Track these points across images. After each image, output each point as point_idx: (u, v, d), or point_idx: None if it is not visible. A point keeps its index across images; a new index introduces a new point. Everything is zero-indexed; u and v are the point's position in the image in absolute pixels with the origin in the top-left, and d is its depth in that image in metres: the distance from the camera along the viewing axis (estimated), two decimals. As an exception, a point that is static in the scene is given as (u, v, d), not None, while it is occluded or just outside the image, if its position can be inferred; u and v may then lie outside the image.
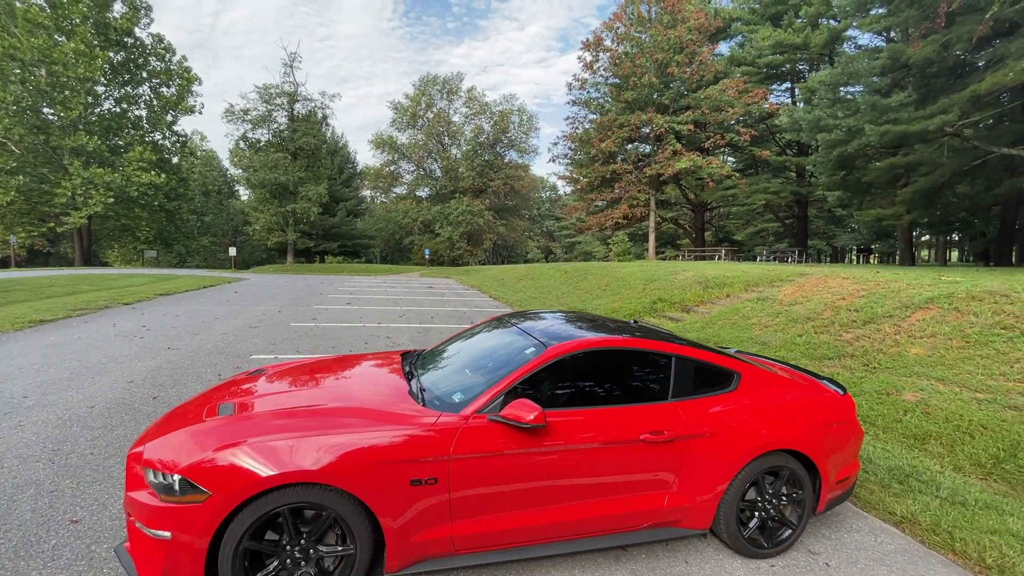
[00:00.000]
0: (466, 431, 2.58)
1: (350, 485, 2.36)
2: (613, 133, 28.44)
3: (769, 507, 3.14)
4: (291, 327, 10.22)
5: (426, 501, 2.49)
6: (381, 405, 2.78)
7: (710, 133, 28.21)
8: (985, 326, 6.54)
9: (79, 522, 3.10)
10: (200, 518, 2.22)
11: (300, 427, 2.47)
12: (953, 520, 3.60)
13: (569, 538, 2.80)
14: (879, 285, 8.97)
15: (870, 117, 16.74)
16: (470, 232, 50.09)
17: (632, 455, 2.84)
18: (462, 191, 50.66)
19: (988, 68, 17.08)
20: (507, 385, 2.75)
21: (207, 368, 6.76)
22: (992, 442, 4.76)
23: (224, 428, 2.50)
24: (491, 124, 52.69)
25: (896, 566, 3.13)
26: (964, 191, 23.68)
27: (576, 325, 3.50)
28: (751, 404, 3.15)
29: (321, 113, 43.70)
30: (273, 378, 3.33)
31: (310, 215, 40.37)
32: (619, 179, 29.77)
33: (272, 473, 2.26)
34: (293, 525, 2.35)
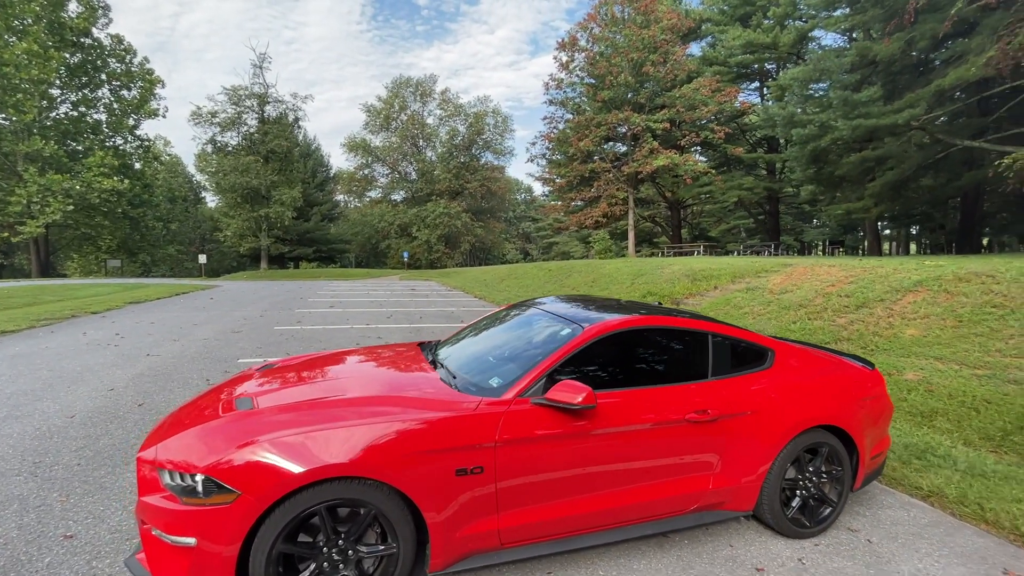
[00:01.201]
0: (510, 416, 2.42)
1: (392, 478, 2.17)
2: (591, 132, 28.59)
3: (810, 485, 3.07)
4: (275, 331, 9.83)
5: (472, 492, 2.32)
6: (415, 392, 2.60)
7: (685, 131, 28.65)
8: (976, 305, 6.71)
9: (73, 537, 2.81)
10: (229, 521, 2.00)
11: (332, 418, 2.27)
12: (978, 492, 3.60)
13: (616, 526, 2.67)
14: (866, 271, 9.16)
15: (842, 112, 17.26)
16: (448, 235, 49.69)
17: (678, 436, 2.72)
18: (439, 193, 50.23)
19: (950, 64, 17.79)
20: (547, 367, 2.60)
21: (193, 373, 6.38)
22: (998, 415, 4.84)
23: (248, 423, 2.27)
24: (466, 126, 52.47)
25: (934, 539, 3.10)
26: (928, 184, 24.60)
27: (601, 307, 3.38)
28: (788, 381, 3.08)
29: (293, 115, 42.71)
30: (286, 372, 3.09)
31: (284, 219, 39.32)
32: (598, 178, 29.95)
33: (307, 468, 2.06)
34: (331, 525, 2.15)
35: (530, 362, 2.67)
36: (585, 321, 2.92)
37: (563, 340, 2.76)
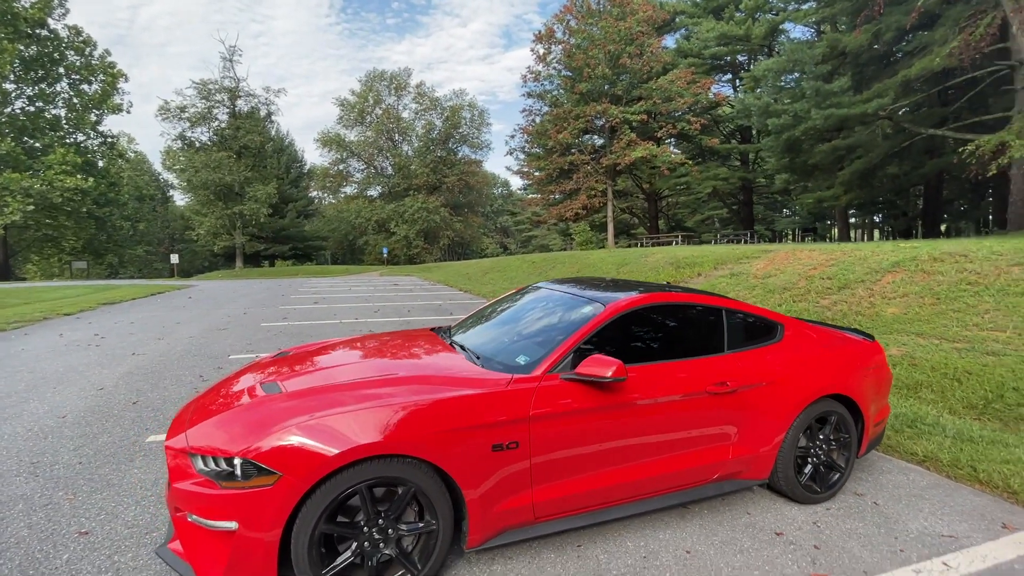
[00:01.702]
0: (542, 391, 2.44)
1: (431, 455, 2.17)
2: (569, 124, 28.69)
3: (820, 453, 3.19)
4: (262, 327, 9.63)
5: (508, 467, 2.34)
6: (445, 372, 2.60)
7: (662, 123, 29.02)
8: (952, 283, 7.03)
9: (89, 534, 2.73)
10: (271, 503, 1.97)
11: (368, 398, 2.26)
12: (969, 455, 3.79)
13: (644, 497, 2.73)
14: (845, 255, 9.47)
15: (814, 102, 17.75)
16: (427, 230, 49.26)
17: (700, 408, 2.80)
18: (416, 188, 49.69)
19: (915, 55, 18.43)
20: (573, 344, 2.63)
21: (184, 370, 6.22)
22: (979, 385, 5.09)
23: (283, 405, 2.24)
24: (442, 120, 51.96)
25: (935, 499, 3.26)
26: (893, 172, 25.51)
27: (615, 286, 3.42)
28: (799, 354, 3.19)
29: (265, 110, 41.57)
30: (305, 358, 3.05)
31: (259, 216, 38.30)
32: (577, 170, 30.10)
33: (348, 447, 2.04)
34: (371, 504, 2.14)
35: (556, 339, 2.70)
36: (605, 299, 2.96)
37: (587, 317, 2.79)
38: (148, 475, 3.42)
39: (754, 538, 2.78)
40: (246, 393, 2.49)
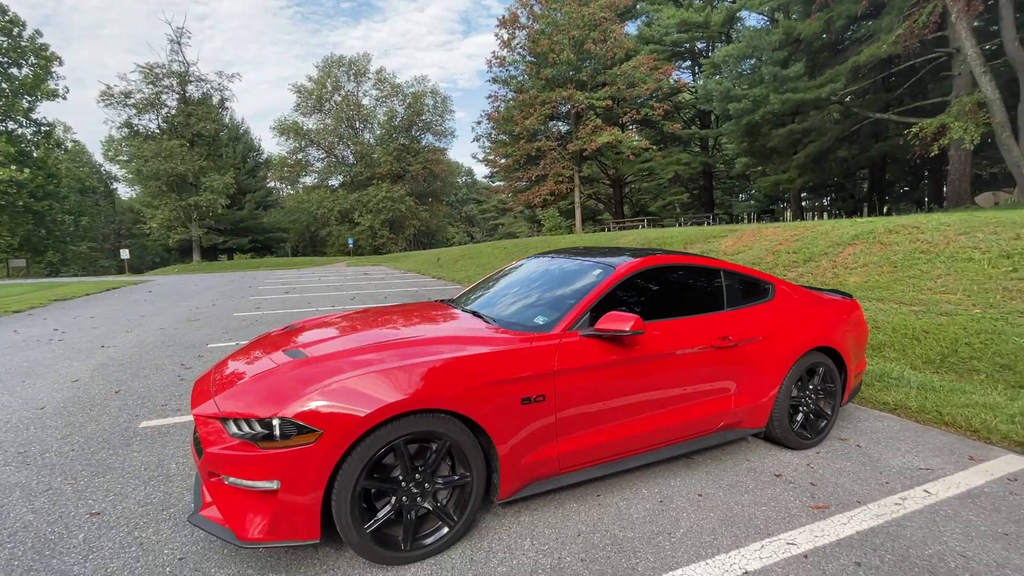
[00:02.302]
0: (565, 346, 2.54)
1: (467, 409, 2.23)
2: (535, 110, 28.71)
3: (810, 401, 3.43)
4: (236, 317, 9.34)
5: (535, 420, 2.43)
6: (469, 332, 2.65)
7: (627, 108, 29.43)
8: (906, 252, 7.54)
9: (101, 514, 2.66)
10: (314, 460, 1.99)
11: (400, 356, 2.29)
12: (933, 402, 4.15)
13: (657, 447, 2.87)
14: (808, 230, 9.98)
15: (772, 87, 18.44)
16: (392, 219, 48.49)
17: (706, 361, 2.96)
18: (379, 177, 48.71)
19: (863, 42, 19.34)
20: (589, 303, 2.73)
21: (164, 360, 6.00)
22: (936, 343, 5.53)
23: (316, 367, 2.25)
24: (404, 106, 50.97)
25: (909, 440, 3.57)
26: (843, 155, 26.83)
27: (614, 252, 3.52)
28: (789, 310, 3.40)
29: (219, 96, 39.52)
30: (321, 327, 3.04)
31: (216, 208, 36.56)
32: (544, 156, 30.21)
33: (387, 402, 2.08)
34: (408, 459, 2.19)
35: (571, 300, 2.79)
36: (613, 262, 3.06)
37: (598, 279, 2.90)
38: (150, 458, 3.33)
39: (757, 480, 2.98)
40: (270, 359, 2.47)
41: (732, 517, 2.59)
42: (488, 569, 2.19)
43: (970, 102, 15.31)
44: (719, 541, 2.38)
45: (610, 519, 2.57)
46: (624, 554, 2.28)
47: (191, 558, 2.27)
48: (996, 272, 6.33)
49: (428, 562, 2.24)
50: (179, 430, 3.80)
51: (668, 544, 2.36)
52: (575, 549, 2.32)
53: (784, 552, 2.30)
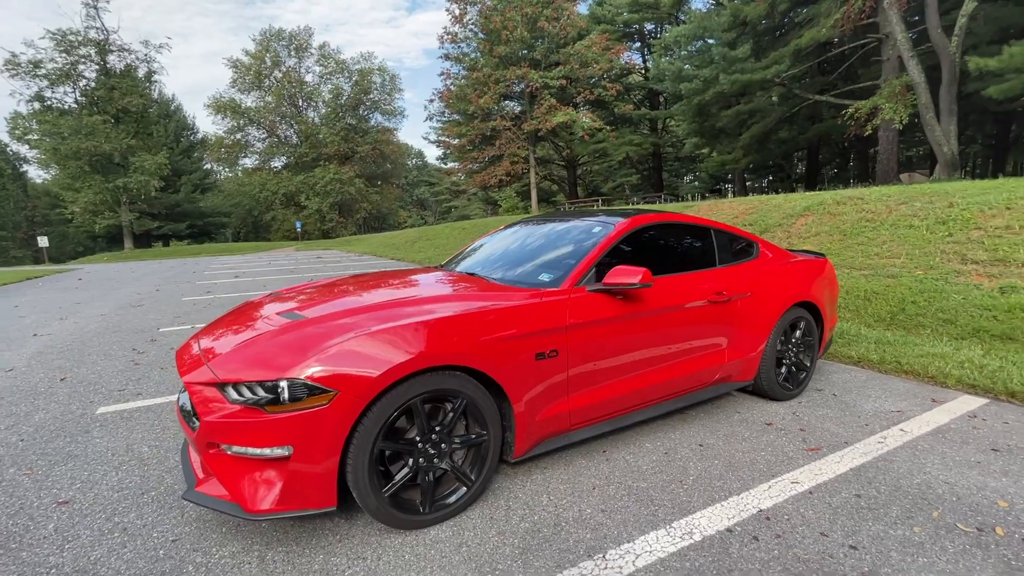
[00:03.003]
0: (575, 301, 2.50)
1: (484, 365, 2.16)
2: (489, 89, 28.23)
3: (792, 354, 3.58)
4: (185, 301, 8.72)
5: (549, 376, 2.38)
6: (475, 290, 2.55)
7: (580, 88, 29.49)
8: (854, 222, 8.02)
9: (70, 502, 2.40)
10: (329, 423, 1.86)
11: (410, 315, 2.17)
12: (891, 354, 4.45)
13: (658, 401, 2.91)
14: (762, 204, 10.42)
15: (722, 67, 18.99)
16: (341, 202, 46.70)
17: (703, 316, 3.01)
18: (327, 158, 46.62)
19: (803, 26, 20.19)
20: (594, 259, 2.70)
21: (112, 346, 5.51)
22: (885, 302, 5.93)
23: (323, 326, 2.10)
24: (351, 84, 48.78)
25: (876, 387, 3.81)
26: (784, 136, 28.10)
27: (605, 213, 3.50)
28: (773, 268, 3.51)
29: (145, 67, 36.08)
30: (313, 292, 2.85)
31: (148, 190, 33.60)
32: (499, 136, 29.87)
33: (405, 359, 1.97)
34: (425, 418, 2.09)
35: (575, 257, 2.75)
36: (611, 220, 3.04)
37: (600, 236, 2.86)
38: (116, 443, 3.05)
39: (750, 429, 3.09)
40: (265, 323, 2.28)
41: (735, 463, 2.67)
42: (510, 526, 2.15)
43: (899, 84, 16.38)
44: (729, 485, 2.45)
45: (621, 472, 2.59)
46: (642, 503, 2.30)
47: (186, 538, 2.10)
48: (934, 237, 6.84)
49: (447, 524, 2.17)
50: (144, 414, 3.50)
51: (682, 491, 2.40)
52: (593, 501, 2.32)
53: (791, 490, 2.39)
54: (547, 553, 1.96)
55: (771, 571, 1.85)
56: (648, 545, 2.00)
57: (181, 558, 1.97)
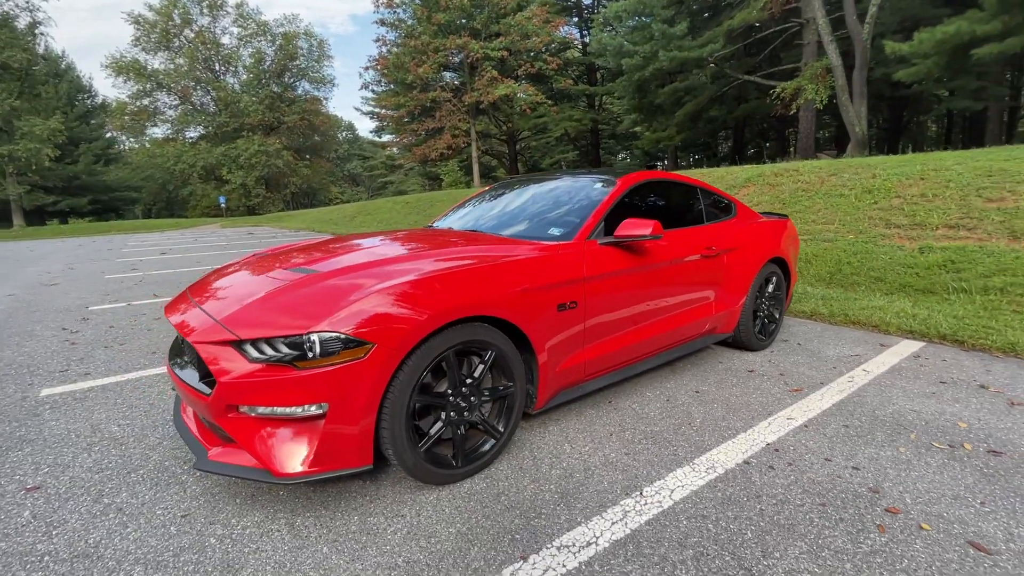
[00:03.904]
0: (590, 252, 2.50)
1: (512, 315, 2.12)
2: (429, 58, 27.17)
3: (765, 307, 3.83)
4: (111, 279, 7.87)
5: (569, 327, 2.39)
6: (491, 243, 2.49)
7: (521, 61, 29.11)
8: (791, 191, 8.61)
9: (41, 487, 2.14)
10: (366, 377, 1.76)
11: (436, 265, 2.08)
12: (838, 308, 4.87)
13: (658, 351, 3.01)
14: (705, 175, 10.92)
15: (662, 44, 19.43)
16: (268, 176, 43.71)
17: (698, 269, 3.13)
18: (250, 128, 43.24)
19: (735, 7, 21.03)
20: (603, 212, 2.71)
21: (33, 325, 4.89)
22: (824, 264, 6.46)
23: (344, 277, 1.97)
24: (274, 48, 45.21)
25: (832, 336, 4.17)
26: (714, 114, 29.47)
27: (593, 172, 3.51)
28: (750, 226, 3.70)
29: (28, 17, 31.10)
30: (313, 249, 2.66)
31: (40, 160, 29.33)
32: (440, 107, 28.97)
33: (439, 309, 1.89)
34: (456, 371, 2.04)
35: (584, 211, 2.75)
36: (612, 177, 3.05)
37: (605, 190, 2.87)
38: (78, 424, 2.73)
39: (736, 376, 3.29)
40: (274, 277, 2.10)
41: (733, 405, 2.84)
42: (541, 473, 2.16)
43: (820, 67, 17.59)
44: (733, 424, 2.60)
45: (632, 419, 2.67)
46: (660, 444, 2.40)
47: (197, 513, 1.93)
48: (862, 204, 7.49)
49: (479, 477, 2.15)
50: (101, 394, 3.15)
51: (693, 432, 2.52)
52: (615, 446, 2.39)
53: (788, 425, 2.58)
54: (586, 495, 2.00)
55: (793, 493, 1.99)
56: (679, 481, 2.09)
57: (199, 532, 1.82)
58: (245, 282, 2.15)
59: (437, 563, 1.64)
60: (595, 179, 3.06)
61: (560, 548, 1.70)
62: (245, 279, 2.20)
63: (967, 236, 6.08)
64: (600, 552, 1.67)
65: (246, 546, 1.75)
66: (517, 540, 1.74)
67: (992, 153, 7.81)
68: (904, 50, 12.62)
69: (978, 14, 11.29)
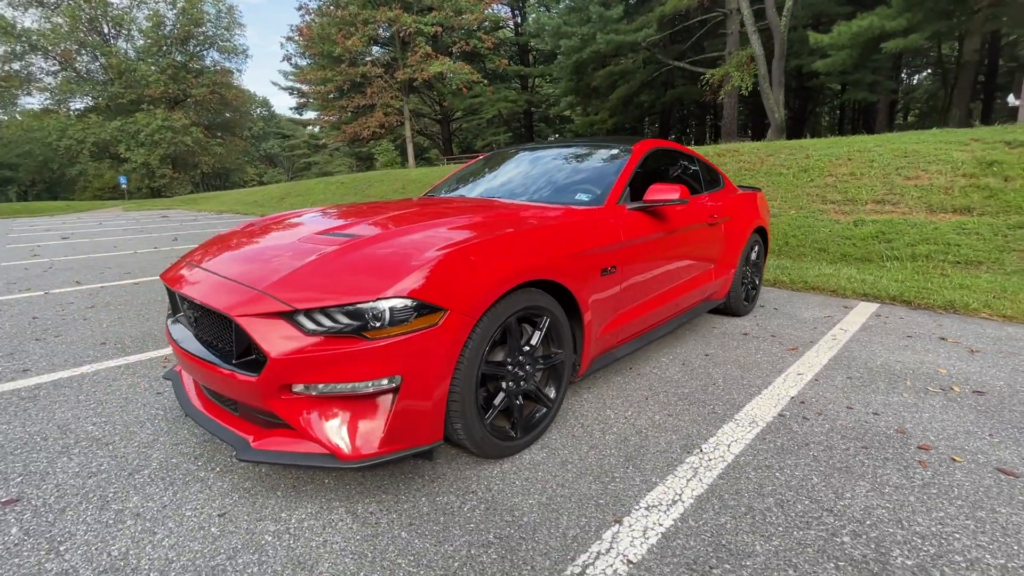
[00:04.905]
0: (624, 217, 2.48)
1: (566, 279, 2.05)
2: (358, 29, 25.67)
3: (749, 274, 4.02)
4: (9, 267, 6.78)
5: (609, 291, 2.36)
6: (527, 207, 2.38)
7: (456, 38, 28.33)
8: (735, 170, 9.11)
9: (21, 499, 1.80)
10: (441, 344, 1.63)
11: (486, 229, 1.95)
12: (796, 276, 5.24)
13: (670, 318, 3.07)
14: (651, 156, 11.29)
15: (599, 27, 19.68)
16: (175, 155, 39.68)
17: (704, 237, 3.21)
18: (151, 101, 38.86)
19: (667, -6, 21.66)
20: (626, 178, 2.69)
21: (-69, 321, 4.10)
22: (772, 238, 6.92)
23: (393, 242, 1.79)
24: (176, 12, 40.67)
25: (799, 301, 4.48)
26: (645, 99, 30.51)
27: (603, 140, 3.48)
28: (737, 197, 3.85)
29: None
30: (328, 216, 2.40)
31: None
32: (371, 83, 27.57)
33: (507, 273, 1.78)
34: (516, 338, 1.94)
35: (607, 177, 2.70)
36: (626, 145, 3.02)
37: (624, 157, 2.85)
38: (39, 426, 2.32)
39: (736, 339, 3.44)
40: (312, 243, 1.88)
41: (745, 365, 2.96)
42: (597, 439, 2.13)
43: (744, 56, 18.67)
44: (753, 382, 2.72)
45: (659, 383, 2.71)
46: (696, 404, 2.45)
47: (237, 509, 1.71)
48: (800, 183, 8.09)
49: (536, 447, 2.08)
50: (51, 391, 2.71)
51: (721, 391, 2.60)
52: (655, 409, 2.40)
53: (801, 381, 2.73)
54: (649, 456, 1.99)
55: (834, 440, 2.11)
56: (730, 436, 2.14)
57: (248, 530, 1.61)
58: (273, 249, 1.90)
59: (532, 535, 1.56)
60: (608, 146, 3.03)
61: (649, 508, 1.68)
62: (271, 246, 1.95)
63: (892, 210, 6.75)
64: (689, 509, 1.68)
65: (311, 540, 1.57)
66: (602, 505, 1.70)
67: (904, 137, 8.69)
68: (825, 41, 13.68)
69: (887, 11, 12.47)
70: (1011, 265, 5.22)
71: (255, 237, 2.15)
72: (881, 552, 1.48)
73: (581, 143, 3.28)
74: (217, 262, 1.94)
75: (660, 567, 1.43)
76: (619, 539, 1.54)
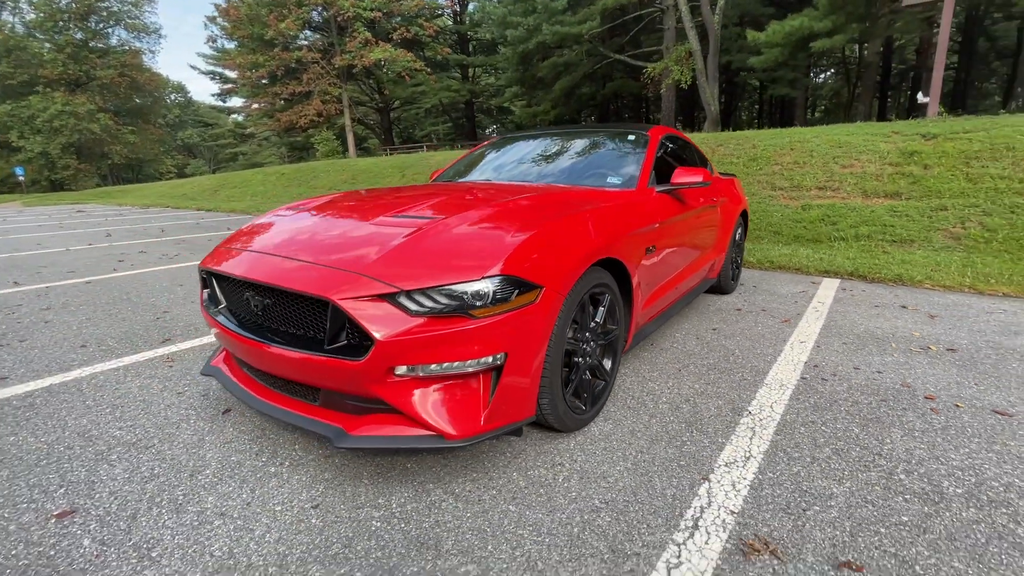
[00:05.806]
0: (655, 199, 2.60)
1: (626, 258, 2.14)
2: (291, 12, 24.25)
3: (735, 254, 4.31)
4: (-85, 271, 5.92)
5: (649, 269, 2.48)
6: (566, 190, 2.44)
7: (396, 25, 27.50)
8: (690, 160, 9.61)
9: (76, 511, 1.65)
10: (538, 320, 1.67)
11: (553, 210, 2.00)
12: (762, 256, 5.66)
13: (685, 294, 3.25)
14: (607, 146, 11.63)
15: (544, 18, 19.83)
16: (79, 144, 35.83)
17: (708, 218, 3.41)
18: (47, 83, 34.75)
19: (608, -13, 22.15)
20: (652, 162, 2.82)
21: None
22: (732, 222, 7.40)
23: (479, 224, 1.79)
24: (72, -18, 36.47)
25: (777, 279, 4.86)
26: (586, 91, 31.17)
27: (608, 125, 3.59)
28: (724, 182, 4.11)
29: None
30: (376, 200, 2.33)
31: None
32: (306, 69, 26.20)
33: (588, 251, 1.85)
34: (588, 314, 2.01)
35: (634, 162, 2.82)
36: (641, 131, 3.14)
37: (645, 142, 2.97)
38: (51, 436, 2.12)
39: (733, 314, 3.70)
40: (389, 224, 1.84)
41: (752, 336, 3.21)
42: (652, 408, 2.25)
43: (683, 51, 19.56)
44: (765, 351, 2.95)
45: (682, 355, 2.88)
46: (724, 373, 2.64)
47: (330, 500, 1.67)
48: (750, 171, 8.66)
49: (600, 419, 2.17)
50: (48, 398, 2.46)
51: (741, 360, 2.81)
52: (689, 379, 2.56)
53: (807, 348, 3.00)
54: (706, 420, 2.14)
55: (856, 396, 2.36)
56: (769, 398, 2.34)
57: (351, 518, 1.58)
58: (351, 232, 1.84)
59: (634, 497, 1.65)
60: (623, 132, 3.14)
61: (729, 465, 1.82)
62: (346, 230, 1.88)
63: (833, 196, 7.41)
64: (763, 463, 1.83)
65: (422, 521, 1.57)
66: (684, 466, 1.83)
67: (836, 129, 9.51)
68: (761, 39, 14.62)
69: (815, 12, 13.54)
70: (938, 243, 5.92)
71: (314, 222, 2.07)
72: (934, 484, 1.70)
73: (592, 129, 3.38)
74: (287, 247, 1.85)
75: (760, 513, 1.57)
76: (714, 494, 1.66)
